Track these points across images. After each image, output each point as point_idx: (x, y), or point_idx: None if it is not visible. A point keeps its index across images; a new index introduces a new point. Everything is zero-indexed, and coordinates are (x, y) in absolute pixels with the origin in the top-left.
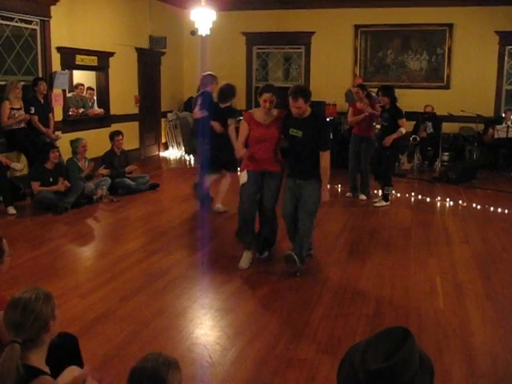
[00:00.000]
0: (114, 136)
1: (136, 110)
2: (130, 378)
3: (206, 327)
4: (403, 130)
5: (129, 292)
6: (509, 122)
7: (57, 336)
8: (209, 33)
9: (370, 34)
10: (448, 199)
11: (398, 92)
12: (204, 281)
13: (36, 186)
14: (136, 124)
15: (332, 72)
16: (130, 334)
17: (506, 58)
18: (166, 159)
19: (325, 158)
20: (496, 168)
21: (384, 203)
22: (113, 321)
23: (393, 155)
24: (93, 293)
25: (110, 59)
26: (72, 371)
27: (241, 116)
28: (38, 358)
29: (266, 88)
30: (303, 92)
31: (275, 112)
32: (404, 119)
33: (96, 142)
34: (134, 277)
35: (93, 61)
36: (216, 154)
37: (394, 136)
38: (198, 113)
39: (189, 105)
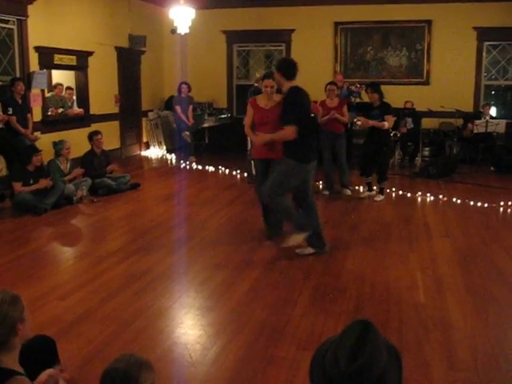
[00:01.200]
0: (92, 136)
1: (116, 110)
2: (103, 380)
3: (186, 326)
4: (386, 125)
5: (109, 293)
6: (487, 117)
7: (33, 338)
8: (188, 31)
9: (350, 31)
10: (429, 194)
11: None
12: (185, 280)
13: (18, 186)
14: (116, 123)
15: (313, 69)
16: (110, 334)
17: (484, 53)
18: (147, 158)
19: (283, 132)
20: (476, 162)
21: (382, 197)
22: (93, 322)
23: (389, 151)
24: (72, 294)
25: (89, 58)
26: (47, 374)
27: None
28: (11, 361)
29: (267, 75)
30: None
31: (277, 97)
32: (391, 116)
33: (76, 142)
34: (114, 277)
35: (72, 60)
36: None
37: (375, 123)
38: None
39: (170, 103)
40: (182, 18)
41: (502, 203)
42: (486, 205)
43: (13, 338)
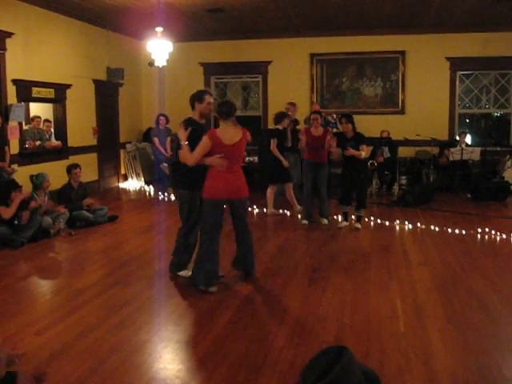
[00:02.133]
0: (71, 169)
1: (94, 142)
2: None
3: (165, 361)
4: (363, 154)
5: (86, 327)
6: (463, 145)
7: (5, 376)
8: (166, 64)
9: (326, 62)
10: (406, 222)
11: (354, 118)
12: (163, 313)
13: (2, 210)
14: (94, 155)
15: (289, 99)
16: (87, 370)
17: (457, 82)
18: (125, 190)
19: None
20: (452, 190)
21: (360, 225)
22: (69, 357)
23: (366, 179)
24: (49, 329)
25: (67, 91)
26: None
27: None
28: None
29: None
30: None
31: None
32: (365, 145)
33: (54, 174)
34: (91, 311)
35: (49, 93)
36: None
37: (355, 153)
38: None
39: (148, 135)
40: (159, 50)
41: (479, 230)
42: (463, 232)
43: None
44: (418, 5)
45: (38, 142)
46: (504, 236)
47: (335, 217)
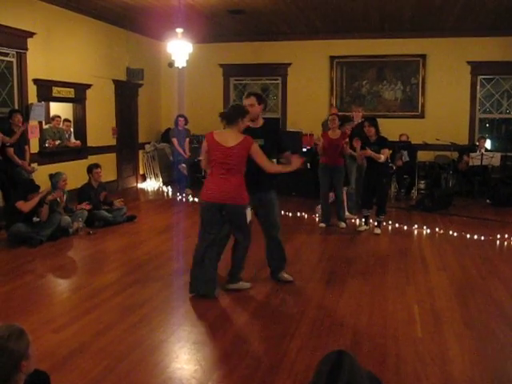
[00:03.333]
0: (92, 169)
1: (113, 142)
2: None
3: (182, 361)
4: (382, 157)
5: (103, 326)
6: (482, 150)
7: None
8: (186, 65)
9: (346, 65)
10: (425, 227)
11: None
12: (180, 313)
13: (20, 204)
14: (113, 155)
15: (309, 102)
16: (105, 369)
17: (478, 87)
18: (143, 191)
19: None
20: (471, 195)
21: (379, 230)
22: (87, 356)
23: (389, 184)
24: (67, 327)
25: (87, 91)
26: None
27: None
28: None
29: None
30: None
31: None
32: (387, 149)
33: (73, 174)
34: (109, 310)
35: (70, 93)
36: None
37: (373, 154)
38: None
39: (166, 136)
40: (179, 51)
41: (498, 236)
42: (482, 238)
43: (16, 375)
44: (438, 8)
45: (57, 142)
46: None
47: (353, 220)
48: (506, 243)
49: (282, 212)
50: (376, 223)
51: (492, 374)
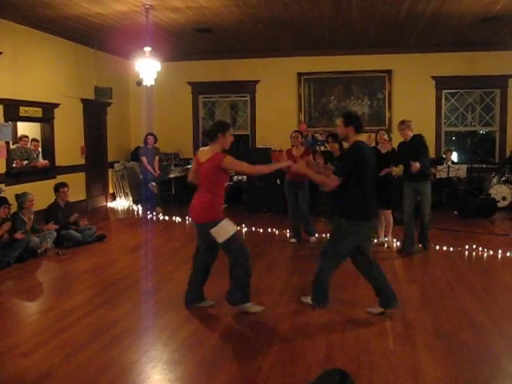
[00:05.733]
0: (59, 188)
1: (82, 161)
2: None
3: (154, 381)
4: None
5: (73, 348)
6: (449, 162)
7: None
8: (154, 83)
9: (313, 81)
10: (395, 239)
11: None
12: (152, 333)
13: None
14: (82, 175)
15: (277, 119)
16: None
17: (443, 101)
18: (113, 210)
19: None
20: (439, 207)
21: None
22: (56, 379)
23: None
24: (36, 350)
25: (55, 110)
26: None
27: None
28: None
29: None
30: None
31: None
32: None
33: (41, 193)
34: (79, 332)
35: (37, 112)
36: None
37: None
38: None
39: (136, 154)
40: (147, 70)
41: (466, 247)
42: (451, 249)
43: None
44: (402, 25)
45: (25, 162)
46: (491, 252)
47: (323, 235)
48: (474, 254)
49: (253, 228)
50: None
51: (463, 382)
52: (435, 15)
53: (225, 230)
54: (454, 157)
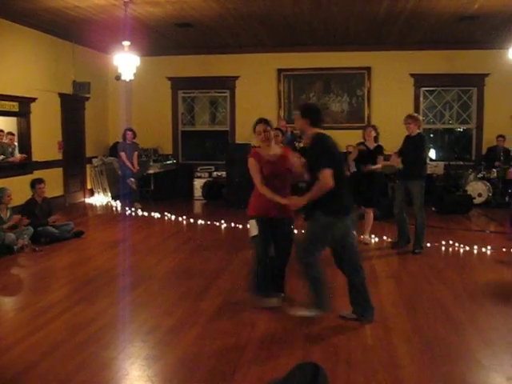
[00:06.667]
0: (35, 184)
1: (60, 156)
2: None
3: (132, 378)
4: None
5: (51, 345)
6: (427, 159)
7: None
8: (133, 78)
9: (293, 78)
10: (373, 235)
11: None
12: (130, 329)
13: None
14: (60, 170)
15: (257, 115)
16: None
17: (421, 98)
18: (91, 206)
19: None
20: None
21: None
22: (34, 377)
23: None
24: (12, 348)
25: (32, 105)
26: None
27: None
28: None
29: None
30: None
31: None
32: None
33: (18, 189)
34: (56, 329)
35: (13, 106)
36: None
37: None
38: None
39: (114, 150)
40: (126, 64)
41: (443, 242)
42: (428, 244)
43: None
44: (382, 22)
45: (0, 157)
46: (467, 248)
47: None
48: (450, 249)
49: (232, 224)
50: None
51: (439, 375)
52: (414, 13)
53: (250, 227)
54: (432, 154)
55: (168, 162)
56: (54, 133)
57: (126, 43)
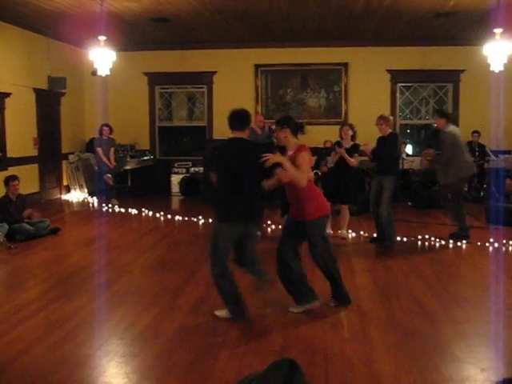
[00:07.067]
0: (8, 181)
1: (35, 152)
2: None
3: (109, 375)
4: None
5: (26, 344)
6: (403, 155)
7: None
8: (109, 73)
9: (270, 73)
10: (350, 230)
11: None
12: (107, 326)
13: None
14: (35, 167)
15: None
16: None
17: (397, 94)
18: (68, 202)
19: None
20: (394, 198)
21: None
22: (9, 376)
23: None
24: None
25: (6, 100)
26: None
27: None
28: None
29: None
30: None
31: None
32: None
33: None
34: (32, 327)
35: None
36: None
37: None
38: None
39: (91, 146)
40: (102, 59)
41: (419, 237)
42: (404, 239)
43: None
44: (358, 18)
45: None
46: (443, 242)
47: (280, 226)
48: (426, 243)
49: (210, 220)
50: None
51: (415, 368)
52: (390, 9)
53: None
54: (409, 149)
55: (145, 158)
56: (30, 129)
57: (102, 38)
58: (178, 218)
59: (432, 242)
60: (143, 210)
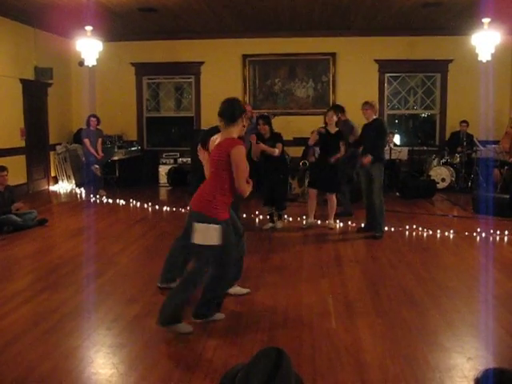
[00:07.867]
0: None
1: (22, 144)
2: None
3: (97, 366)
4: (277, 151)
5: (13, 335)
6: (391, 145)
7: None
8: (96, 63)
9: (258, 64)
10: (338, 221)
11: (286, 119)
12: (95, 317)
13: None
14: (22, 158)
15: (222, 100)
16: (14, 381)
17: (385, 84)
18: (55, 193)
19: None
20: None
21: (281, 224)
22: None
23: (286, 179)
24: None
25: None
26: None
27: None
28: None
29: None
30: None
31: None
32: (281, 144)
33: None
34: (19, 318)
35: None
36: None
37: (267, 149)
38: None
39: (78, 137)
40: (89, 50)
41: (407, 227)
42: (392, 229)
43: None
44: (346, 8)
45: None
46: (430, 232)
47: (257, 219)
48: (414, 233)
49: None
50: (277, 217)
51: (402, 357)
52: None
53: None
54: (396, 139)
55: (133, 149)
56: (16, 119)
57: (89, 28)
58: (165, 208)
59: (420, 232)
60: (131, 200)
